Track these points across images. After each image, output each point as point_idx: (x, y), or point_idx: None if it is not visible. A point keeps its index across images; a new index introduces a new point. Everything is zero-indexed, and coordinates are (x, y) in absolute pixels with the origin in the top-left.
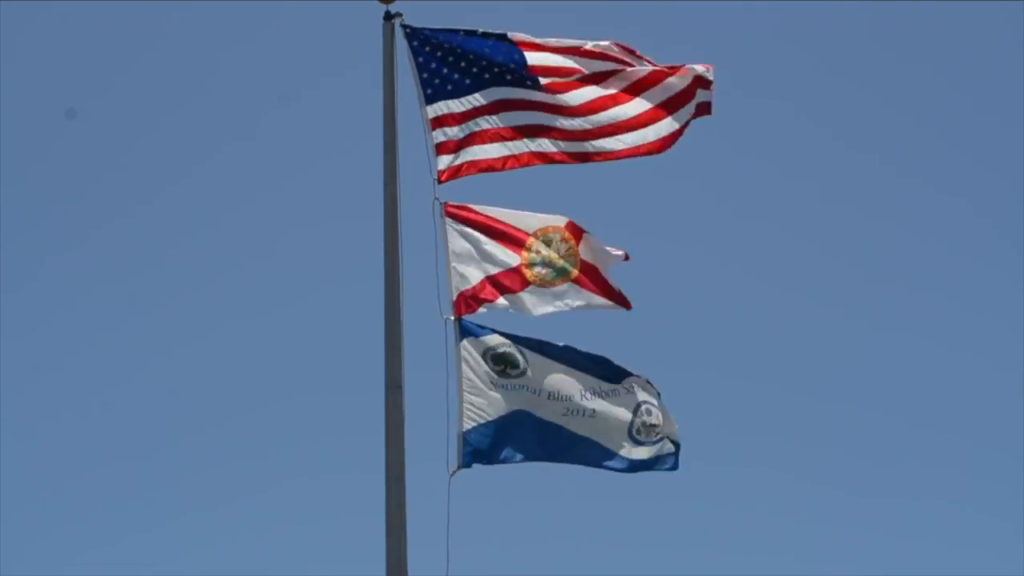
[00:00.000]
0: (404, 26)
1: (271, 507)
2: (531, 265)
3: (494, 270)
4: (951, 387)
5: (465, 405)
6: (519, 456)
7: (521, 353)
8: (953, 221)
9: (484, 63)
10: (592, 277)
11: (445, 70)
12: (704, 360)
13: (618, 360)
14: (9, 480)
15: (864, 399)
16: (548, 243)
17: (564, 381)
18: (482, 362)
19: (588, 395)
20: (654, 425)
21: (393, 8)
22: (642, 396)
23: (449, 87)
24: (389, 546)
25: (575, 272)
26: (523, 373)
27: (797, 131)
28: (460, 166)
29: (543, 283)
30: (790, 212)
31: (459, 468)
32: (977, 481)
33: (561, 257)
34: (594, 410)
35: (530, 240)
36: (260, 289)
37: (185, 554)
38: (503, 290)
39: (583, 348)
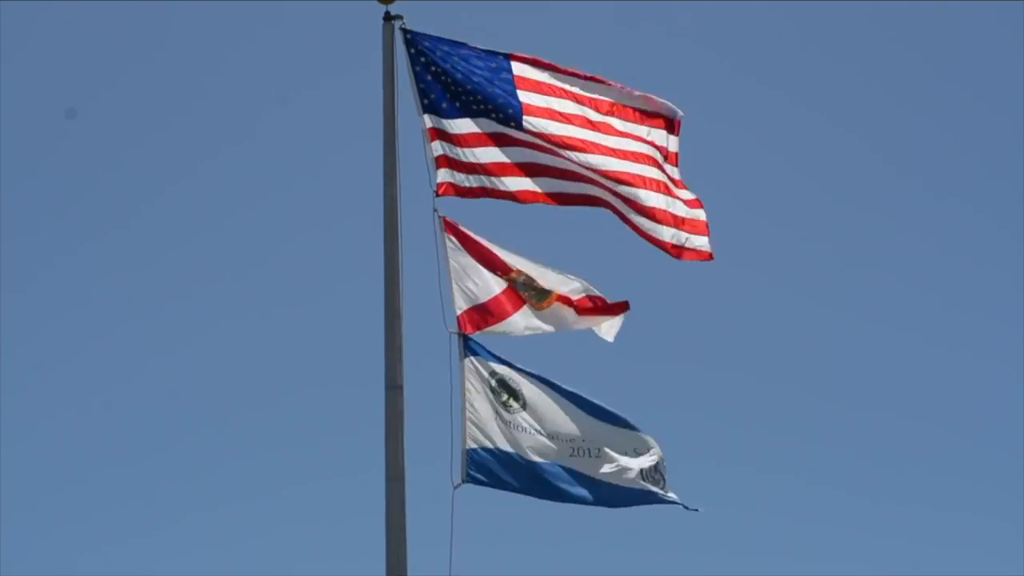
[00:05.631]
0: (404, 30)
1: (271, 508)
2: (517, 287)
3: (485, 297)
4: (952, 388)
5: (468, 425)
6: (521, 488)
7: (520, 386)
8: (953, 221)
9: (471, 89)
10: (570, 301)
11: (440, 88)
12: (705, 360)
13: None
14: (10, 480)
15: (866, 400)
16: (530, 279)
17: (566, 422)
18: (485, 387)
19: (592, 440)
20: (657, 480)
21: (393, 9)
22: (643, 461)
23: (444, 105)
24: (389, 547)
25: (555, 294)
26: (523, 406)
27: (798, 130)
28: (458, 187)
29: (533, 304)
30: (791, 211)
31: (462, 482)
32: (977, 483)
33: (539, 287)
34: (600, 449)
35: (514, 273)
36: (260, 289)
37: (185, 555)
38: (495, 317)
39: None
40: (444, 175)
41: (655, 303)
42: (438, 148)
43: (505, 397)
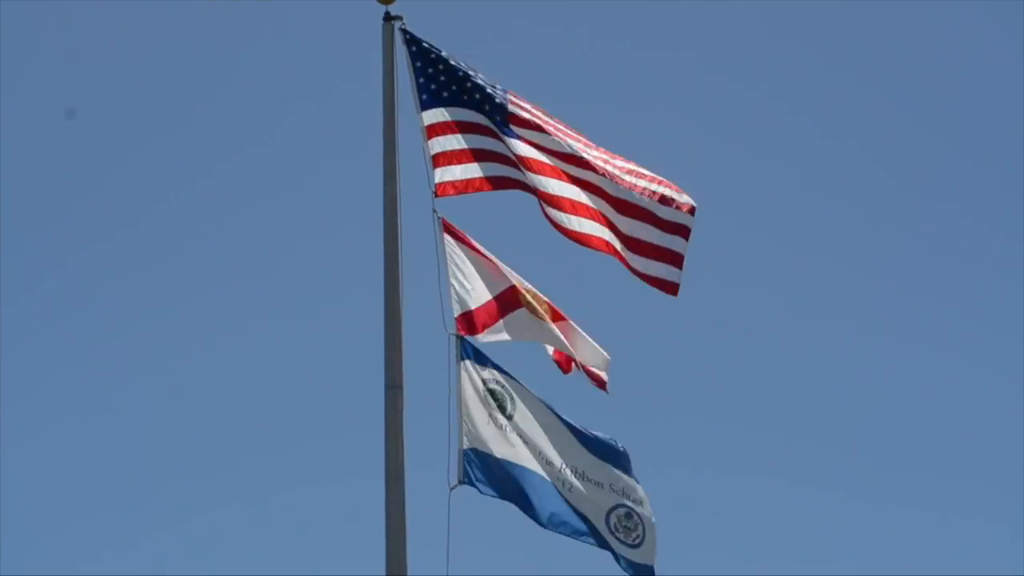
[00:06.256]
0: (404, 31)
1: (270, 508)
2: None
3: (483, 301)
4: (952, 391)
5: (464, 426)
6: (509, 500)
7: (511, 395)
8: (952, 225)
9: (474, 85)
10: (569, 336)
11: (442, 78)
12: (704, 364)
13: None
14: (11, 481)
15: (866, 403)
16: (530, 293)
17: (547, 443)
18: (482, 391)
19: (568, 470)
20: (630, 528)
21: (393, 10)
22: (623, 500)
23: (445, 94)
24: (388, 547)
25: (549, 322)
26: (510, 417)
27: (796, 134)
28: (455, 183)
29: (534, 312)
30: (789, 217)
31: (459, 483)
32: (978, 485)
33: (539, 305)
34: (572, 485)
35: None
36: (260, 289)
37: (185, 555)
38: (500, 313)
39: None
40: (441, 174)
41: (651, 308)
42: (435, 146)
43: (496, 403)
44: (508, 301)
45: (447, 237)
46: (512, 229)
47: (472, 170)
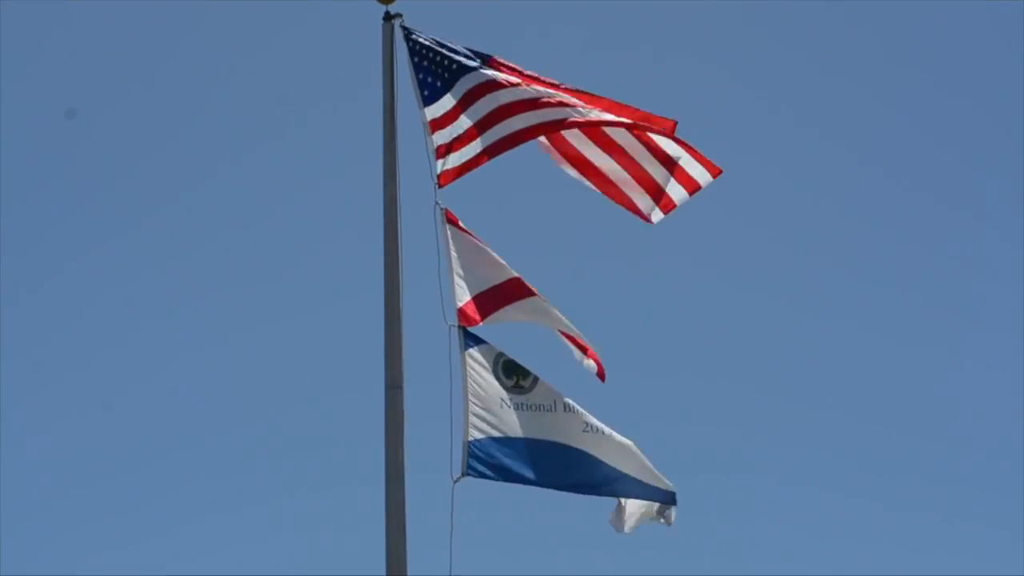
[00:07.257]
0: (404, 28)
1: (270, 508)
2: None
3: (486, 286)
4: (950, 393)
5: (471, 416)
6: (527, 478)
7: (528, 370)
8: (952, 226)
9: (459, 64)
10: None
11: (441, 70)
12: (705, 364)
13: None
14: (12, 483)
15: (864, 405)
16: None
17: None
18: (491, 375)
19: (592, 427)
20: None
21: (393, 8)
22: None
23: (441, 82)
24: (389, 546)
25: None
26: (535, 383)
27: (795, 134)
28: (457, 168)
29: (543, 297)
30: (784, 216)
31: (462, 476)
32: (977, 487)
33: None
34: (602, 430)
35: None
36: (259, 289)
37: (186, 557)
38: (505, 301)
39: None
40: (442, 164)
41: (652, 309)
42: (438, 139)
43: (515, 379)
44: (514, 290)
45: (449, 227)
46: (511, 216)
47: (475, 147)
